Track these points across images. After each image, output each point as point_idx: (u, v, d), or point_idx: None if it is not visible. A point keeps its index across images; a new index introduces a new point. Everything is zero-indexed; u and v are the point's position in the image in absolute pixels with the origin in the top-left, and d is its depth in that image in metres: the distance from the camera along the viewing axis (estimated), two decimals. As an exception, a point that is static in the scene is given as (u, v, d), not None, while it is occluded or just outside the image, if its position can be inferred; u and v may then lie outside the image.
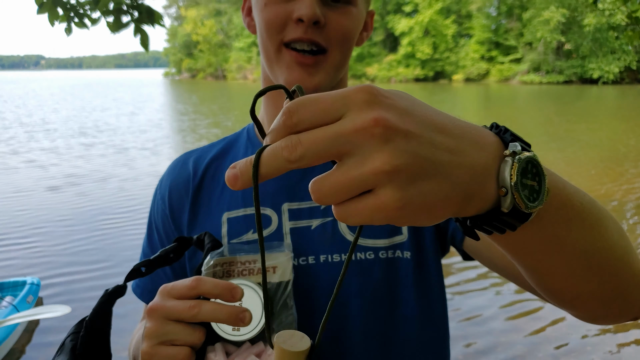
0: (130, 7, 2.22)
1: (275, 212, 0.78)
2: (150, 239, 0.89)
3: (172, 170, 0.90)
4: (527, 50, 44.13)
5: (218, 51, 63.34)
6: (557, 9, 40.05)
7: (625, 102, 24.12)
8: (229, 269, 0.67)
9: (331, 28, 0.71)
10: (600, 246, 0.43)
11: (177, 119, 17.84)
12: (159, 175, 5.86)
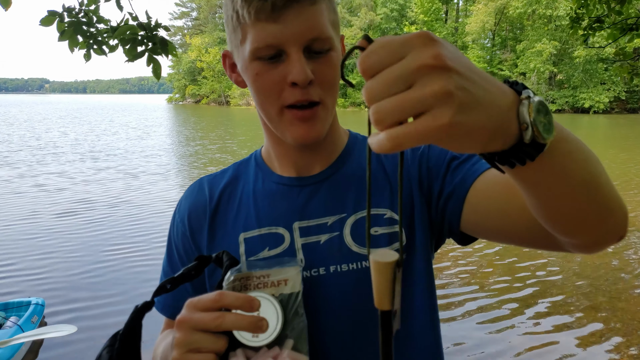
0: (145, 38, 2.46)
1: (287, 231, 0.84)
2: (170, 259, 0.95)
3: (190, 194, 0.96)
4: (521, 80, 44.23)
5: (221, 78, 64.03)
6: (549, 41, 40.73)
7: (619, 131, 24.14)
8: (246, 283, 0.73)
9: (320, 81, 0.75)
10: (594, 173, 0.51)
11: (185, 144, 17.65)
12: (169, 202, 6.58)
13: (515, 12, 44.03)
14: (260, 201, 0.88)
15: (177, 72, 71.64)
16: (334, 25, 0.78)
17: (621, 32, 3.34)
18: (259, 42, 0.71)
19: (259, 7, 0.69)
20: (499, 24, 48.04)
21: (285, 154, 0.88)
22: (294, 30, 0.70)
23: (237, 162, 0.98)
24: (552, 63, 41.85)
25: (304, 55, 0.72)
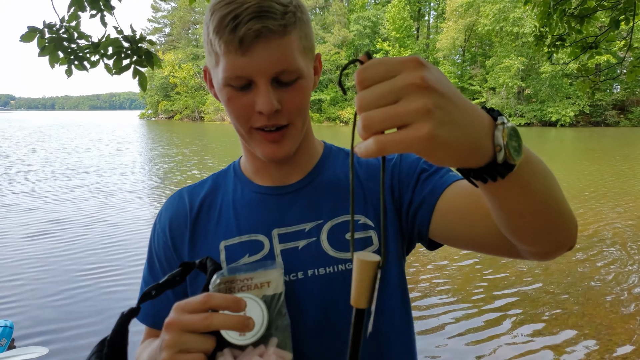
0: (130, 51, 2.48)
1: (267, 238, 0.87)
2: (151, 268, 0.96)
3: (170, 205, 0.99)
4: (491, 94, 45.32)
5: (195, 94, 63.78)
6: (516, 57, 41.80)
7: (586, 143, 24.68)
8: (231, 286, 0.75)
9: (288, 107, 0.79)
10: (552, 191, 0.58)
11: (160, 160, 17.23)
12: (145, 220, 6.52)
13: (484, 30, 45.11)
14: (239, 210, 0.91)
15: (150, 88, 70.96)
16: (305, 52, 0.81)
17: (582, 49, 3.54)
18: (229, 72, 0.75)
19: (228, 40, 0.72)
20: (468, 40, 49.15)
21: (262, 165, 0.92)
22: (262, 64, 0.73)
23: (215, 173, 1.01)
24: (520, 78, 42.90)
25: (272, 85, 0.76)
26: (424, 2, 59.44)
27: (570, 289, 4.98)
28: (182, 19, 68.97)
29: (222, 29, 0.72)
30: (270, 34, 0.73)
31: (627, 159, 17.16)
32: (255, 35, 0.72)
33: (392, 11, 48.95)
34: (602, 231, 7.32)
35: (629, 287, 5.04)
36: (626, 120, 41.73)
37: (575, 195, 10.19)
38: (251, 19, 0.71)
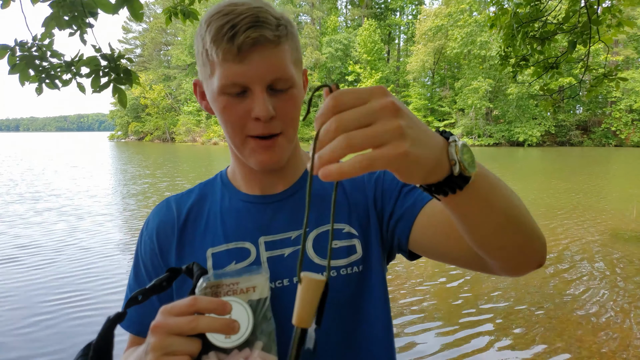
0: (109, 69, 2.48)
1: (253, 245, 0.89)
2: (137, 276, 0.96)
3: (158, 212, 0.99)
4: (460, 115, 46.38)
5: (166, 115, 63.23)
6: (484, 79, 42.98)
7: (554, 163, 25.21)
8: (217, 291, 0.76)
9: (281, 115, 0.82)
10: (513, 206, 0.62)
11: (132, 182, 16.74)
12: (118, 243, 6.25)
13: (452, 52, 46.31)
14: (227, 218, 0.93)
15: (120, 108, 70.07)
16: (296, 63, 0.85)
17: (544, 70, 3.71)
18: (226, 80, 0.78)
19: (226, 49, 0.76)
20: (437, 63, 50.30)
21: (250, 174, 0.95)
22: (258, 71, 0.77)
23: (202, 182, 1.03)
24: (488, 99, 43.99)
25: (267, 92, 0.79)
26: (394, 26, 60.96)
27: (542, 304, 5.08)
28: (153, 40, 68.67)
29: (220, 38, 0.75)
30: (266, 42, 0.77)
31: (592, 177, 17.70)
32: (252, 43, 0.75)
33: (363, 34, 49.83)
34: (572, 247, 7.50)
35: (598, 301, 5.17)
36: (589, 140, 43.21)
37: (547, 212, 10.46)
38: (248, 28, 0.75)
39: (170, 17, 3.95)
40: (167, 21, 3.94)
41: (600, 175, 18.35)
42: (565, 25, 3.47)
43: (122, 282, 5.84)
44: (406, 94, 52.11)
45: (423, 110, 49.55)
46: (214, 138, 53.15)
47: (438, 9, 47.85)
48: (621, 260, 6.74)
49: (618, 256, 6.94)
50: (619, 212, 10.38)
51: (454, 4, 45.32)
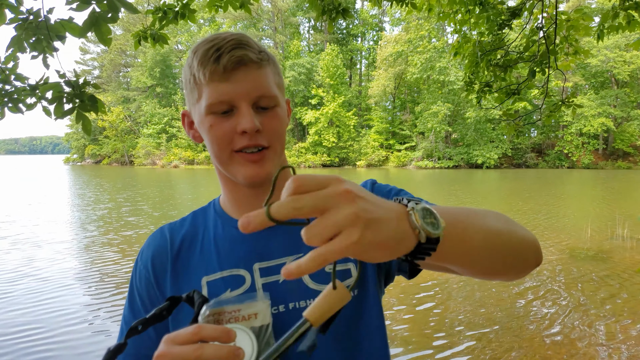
0: (73, 95, 2.42)
1: (248, 272, 0.89)
2: (132, 307, 0.95)
3: (152, 241, 0.99)
4: (420, 139, 47.27)
5: (125, 137, 61.92)
6: (443, 103, 44.27)
7: (513, 184, 25.81)
8: (219, 318, 0.76)
9: (267, 130, 0.85)
10: (493, 234, 0.66)
11: (92, 207, 16.15)
12: (77, 273, 5.85)
13: (412, 77, 47.51)
14: (220, 245, 0.93)
15: (76, 131, 68.19)
16: (279, 87, 0.90)
17: (506, 95, 3.86)
18: (213, 99, 0.81)
19: (212, 69, 0.80)
20: (398, 87, 51.49)
21: (241, 199, 0.95)
22: (243, 89, 0.81)
23: (195, 211, 1.04)
24: (447, 123, 45.19)
25: (253, 109, 0.83)
26: (356, 51, 62.19)
27: (507, 324, 5.17)
28: (112, 62, 67.52)
29: (206, 60, 0.80)
30: (249, 62, 0.82)
31: (549, 197, 18.33)
32: (236, 61, 0.80)
33: (325, 59, 50.55)
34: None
35: (566, 320, 5.30)
36: (543, 162, 44.92)
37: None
38: (232, 49, 0.80)
39: (139, 41, 3.91)
40: (136, 45, 3.89)
41: (556, 196, 19.04)
42: (526, 54, 3.64)
43: (83, 314, 5.60)
44: (368, 117, 52.99)
45: (385, 134, 50.45)
46: (175, 161, 52.36)
47: (398, 36, 49.15)
48: (581, 278, 6.97)
49: (578, 274, 7.17)
50: (575, 231, 10.77)
51: (413, 30, 46.69)
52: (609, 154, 44.37)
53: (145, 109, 59.10)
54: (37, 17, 2.53)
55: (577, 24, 3.79)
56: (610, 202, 16.49)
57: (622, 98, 43.19)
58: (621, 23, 3.32)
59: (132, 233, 10.74)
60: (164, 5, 3.97)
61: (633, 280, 6.84)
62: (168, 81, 61.96)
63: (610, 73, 43.03)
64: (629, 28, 3.26)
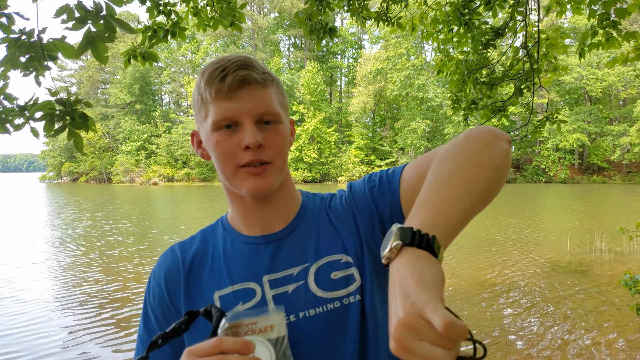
0: (64, 113, 2.40)
1: (258, 285, 0.91)
2: (147, 326, 0.97)
3: (164, 261, 1.01)
4: (400, 154, 47.68)
5: (103, 154, 61.08)
6: (422, 120, 45.01)
7: (495, 199, 26.84)
8: (237, 330, 0.78)
9: (270, 146, 0.88)
10: (469, 199, 0.74)
11: (73, 225, 15.80)
12: (60, 294, 5.62)
13: (392, 95, 48.17)
14: (230, 261, 0.95)
15: (53, 148, 67.08)
16: (282, 106, 0.93)
17: (492, 112, 3.95)
18: (219, 116, 0.86)
19: (218, 88, 0.85)
20: (378, 104, 52.09)
21: (249, 214, 0.97)
22: (246, 106, 0.85)
23: (203, 229, 1.06)
24: (426, 139, 45.82)
25: (256, 125, 0.87)
26: (336, 68, 62.81)
27: (496, 338, 5.21)
28: (90, 79, 66.81)
29: (212, 80, 0.85)
30: (253, 82, 0.86)
31: (529, 212, 18.69)
32: (240, 80, 0.85)
33: (306, 76, 50.92)
34: (519, 279, 7.82)
35: (548, 333, 5.37)
36: (522, 177, 45.70)
37: (492, 245, 10.90)
38: (237, 69, 0.85)
39: (129, 60, 3.91)
40: (126, 64, 3.89)
41: (535, 210, 19.39)
42: (511, 72, 3.75)
43: (63, 337, 5.46)
44: (349, 133, 53.32)
45: (365, 150, 50.80)
46: (154, 178, 51.80)
47: (377, 53, 49.87)
48: (564, 292, 7.07)
49: (561, 288, 7.28)
50: (555, 244, 10.97)
51: (392, 48, 47.42)
52: (584, 169, 45.42)
53: (124, 125, 58.54)
54: (30, 37, 2.51)
55: (556, 42, 3.93)
56: (588, 215, 16.85)
57: (595, 114, 44.41)
58: (601, 41, 3.46)
59: (115, 252, 10.56)
60: (155, 23, 3.98)
61: (616, 292, 6.97)
62: (147, 98, 61.60)
63: (583, 90, 44.25)
64: (607, 46, 3.39)
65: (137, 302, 6.80)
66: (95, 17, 2.48)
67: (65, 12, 2.44)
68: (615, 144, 42.83)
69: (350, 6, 4.46)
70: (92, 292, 7.33)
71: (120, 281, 8.02)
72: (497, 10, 3.98)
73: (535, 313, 6.09)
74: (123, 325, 5.83)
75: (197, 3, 4.28)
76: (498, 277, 8.11)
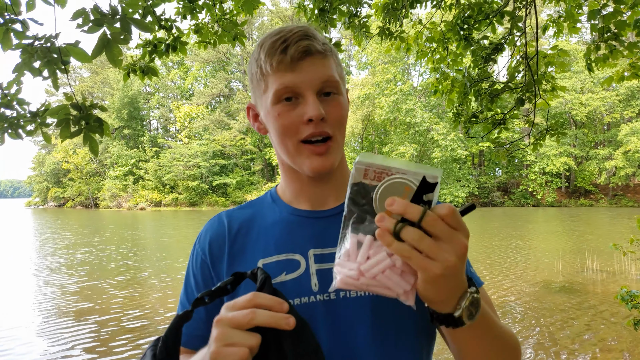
0: (80, 118, 2.41)
1: (303, 257, 0.91)
2: (186, 290, 0.99)
3: (210, 227, 1.02)
4: (390, 178, 48.14)
5: (90, 179, 60.43)
6: (410, 144, 45.33)
7: (482, 222, 26.04)
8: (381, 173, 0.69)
9: (330, 118, 0.88)
10: (501, 348, 0.79)
11: (71, 251, 15.36)
12: (41, 329, 5.31)
13: (380, 119, 48.61)
14: (278, 230, 0.96)
15: (39, 174, 66.36)
16: (341, 77, 0.94)
17: (493, 125, 4.02)
18: (280, 86, 0.86)
19: (279, 59, 0.85)
20: (366, 129, 52.54)
21: (301, 189, 0.99)
22: (308, 77, 0.86)
23: (252, 200, 1.08)
24: (414, 163, 46.05)
25: (317, 98, 0.87)
26: (324, 93, 63.23)
27: None
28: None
29: (274, 51, 0.86)
30: (315, 52, 0.87)
31: (518, 235, 18.93)
32: (303, 51, 0.85)
33: (294, 101, 51.15)
34: (513, 301, 7.86)
35: (546, 353, 5.37)
36: (509, 201, 46.03)
37: (486, 268, 10.93)
38: (299, 40, 0.85)
39: (128, 74, 3.93)
40: (125, 77, 3.91)
41: (525, 232, 19.54)
42: (512, 83, 3.83)
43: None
44: (337, 158, 53.22)
45: (354, 174, 50.55)
46: (141, 203, 51.29)
47: (365, 79, 50.53)
48: (559, 312, 7.10)
49: (555, 309, 7.31)
50: (546, 266, 11.03)
51: (379, 74, 48.09)
52: (571, 192, 45.92)
53: (112, 150, 58.21)
54: (46, 42, 2.53)
55: (553, 61, 4.02)
56: (578, 237, 17.00)
57: (580, 138, 45.17)
58: (605, 54, 3.56)
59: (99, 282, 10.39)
60: (155, 38, 4.02)
61: (610, 310, 7.00)
62: (136, 123, 61.48)
63: (568, 114, 45.09)
64: (613, 56, 3.49)
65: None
66: (111, 19, 2.51)
67: (81, 15, 2.47)
68: (601, 168, 43.48)
69: (351, 23, 4.56)
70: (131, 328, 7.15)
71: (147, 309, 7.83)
72: (495, 25, 4.09)
73: (531, 334, 6.09)
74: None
75: (198, 18, 4.33)
76: (494, 295, 8.11)
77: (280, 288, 0.86)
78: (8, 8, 2.75)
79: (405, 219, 0.60)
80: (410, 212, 0.60)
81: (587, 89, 43.87)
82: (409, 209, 0.60)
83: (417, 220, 0.60)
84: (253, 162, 55.38)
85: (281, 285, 0.88)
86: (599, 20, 3.29)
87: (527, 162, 46.03)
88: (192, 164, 50.89)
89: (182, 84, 62.94)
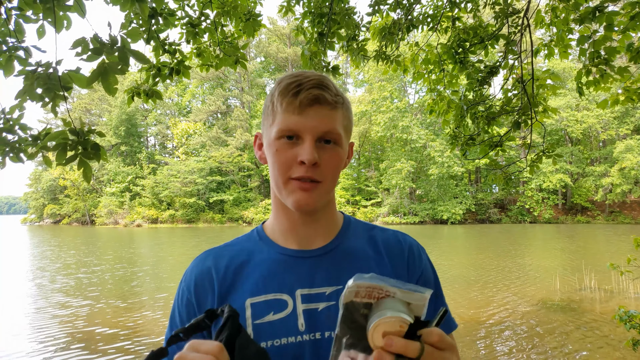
0: (77, 143, 2.43)
1: (290, 297, 0.92)
2: (171, 328, 0.99)
3: (197, 265, 1.02)
4: (386, 195, 47.91)
5: (87, 196, 60.24)
6: (406, 161, 45.41)
7: (479, 240, 26.13)
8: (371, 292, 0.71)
9: (324, 166, 0.91)
10: None
11: (73, 271, 15.22)
12: (48, 343, 5.12)
13: (377, 136, 48.85)
14: (266, 270, 0.97)
15: (36, 190, 66.10)
16: (345, 129, 0.97)
17: (489, 147, 4.06)
18: (284, 126, 0.90)
19: (289, 101, 0.90)
20: (362, 145, 52.74)
21: (291, 227, 1.00)
22: (311, 124, 0.89)
23: (239, 237, 1.09)
24: (411, 180, 46.09)
25: (316, 144, 0.90)
26: (321, 110, 63.50)
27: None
28: (76, 121, 66.14)
29: (287, 92, 0.90)
30: (324, 102, 0.91)
31: (515, 252, 18.84)
32: (312, 98, 0.89)
33: (292, 118, 51.29)
34: (510, 318, 7.81)
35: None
36: (506, 218, 46.03)
37: (483, 286, 10.88)
38: (311, 87, 0.90)
39: (132, 97, 3.97)
40: (129, 101, 3.94)
41: (521, 250, 19.49)
42: (509, 106, 3.88)
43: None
44: (335, 174, 53.20)
45: (351, 190, 50.94)
46: (138, 220, 51.06)
47: (362, 96, 50.93)
48: (557, 330, 7.07)
49: (553, 326, 7.28)
50: (544, 283, 11.01)
51: (376, 91, 48.43)
52: (568, 209, 46.01)
53: (109, 167, 58.13)
54: (47, 68, 2.56)
55: (545, 84, 4.08)
56: (575, 254, 16.99)
57: (576, 155, 45.41)
58: (596, 78, 3.62)
59: (125, 305, 10.29)
60: (159, 62, 4.07)
61: (608, 329, 6.98)
62: (133, 139, 61.54)
63: (564, 131, 45.40)
64: (603, 81, 3.55)
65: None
66: (110, 49, 2.55)
67: (81, 44, 2.51)
68: (597, 185, 43.63)
69: (349, 47, 4.63)
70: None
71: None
72: (489, 49, 4.16)
73: (531, 352, 6.06)
74: None
75: (201, 43, 4.39)
76: (490, 316, 8.08)
77: (268, 328, 0.89)
78: (12, 34, 2.80)
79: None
80: (410, 350, 0.62)
81: (582, 107, 44.27)
82: (409, 347, 0.62)
83: (416, 357, 0.63)
84: (250, 179, 55.39)
85: (269, 325, 0.90)
86: (589, 46, 3.35)
87: (523, 179, 46.17)
88: (189, 181, 50.78)
89: (180, 101, 63.18)
